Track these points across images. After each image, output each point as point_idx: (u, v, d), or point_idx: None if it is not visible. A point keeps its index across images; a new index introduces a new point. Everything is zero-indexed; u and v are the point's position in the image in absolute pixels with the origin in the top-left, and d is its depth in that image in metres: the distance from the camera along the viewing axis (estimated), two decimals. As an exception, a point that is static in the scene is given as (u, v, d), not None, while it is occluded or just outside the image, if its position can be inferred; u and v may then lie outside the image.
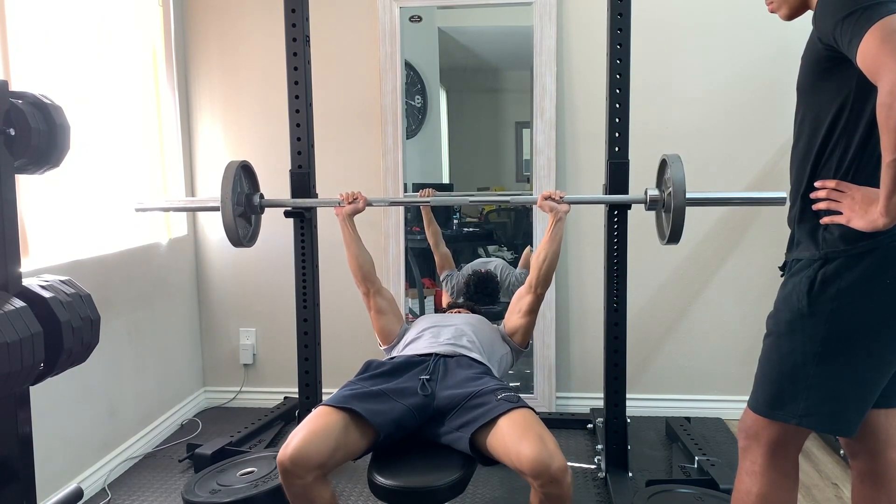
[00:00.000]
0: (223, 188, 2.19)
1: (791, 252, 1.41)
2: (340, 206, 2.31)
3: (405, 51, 3.07)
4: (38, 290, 1.30)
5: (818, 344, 1.30)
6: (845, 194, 1.27)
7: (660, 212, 2.22)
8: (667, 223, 2.12)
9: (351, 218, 2.30)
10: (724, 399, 3.05)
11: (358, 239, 2.29)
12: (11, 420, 1.34)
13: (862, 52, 1.14)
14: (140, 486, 2.49)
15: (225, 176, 2.21)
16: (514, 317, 2.25)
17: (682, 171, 2.04)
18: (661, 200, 2.17)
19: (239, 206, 2.28)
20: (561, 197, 2.19)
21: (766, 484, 1.38)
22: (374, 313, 2.27)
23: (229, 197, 2.19)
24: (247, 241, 2.35)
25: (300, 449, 1.63)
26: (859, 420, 1.33)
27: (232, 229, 2.21)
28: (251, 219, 2.40)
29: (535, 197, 2.25)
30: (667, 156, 2.11)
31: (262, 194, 2.41)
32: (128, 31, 2.74)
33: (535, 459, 1.57)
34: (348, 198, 2.32)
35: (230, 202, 2.19)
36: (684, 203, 2.02)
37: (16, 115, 1.31)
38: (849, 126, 1.29)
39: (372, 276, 2.28)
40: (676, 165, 2.05)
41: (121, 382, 2.65)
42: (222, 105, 3.18)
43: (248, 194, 2.36)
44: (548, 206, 2.18)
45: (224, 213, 2.19)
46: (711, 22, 2.91)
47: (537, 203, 2.22)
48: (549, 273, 2.17)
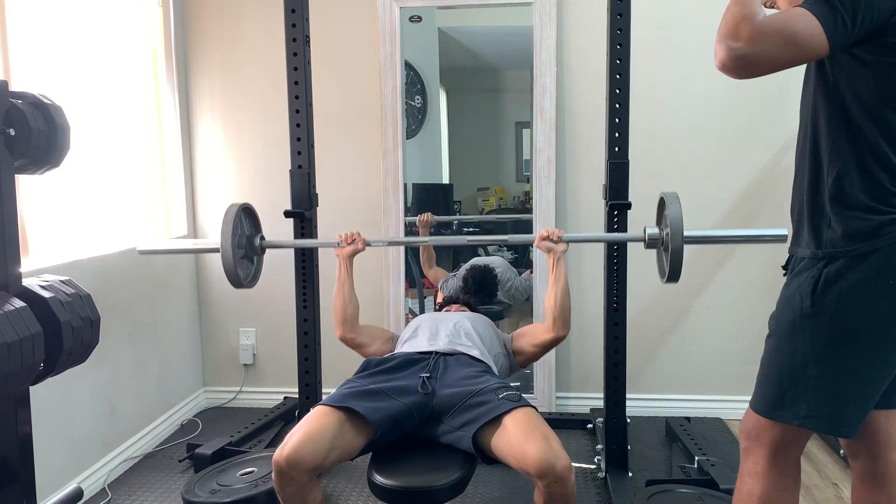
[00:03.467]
0: (223, 233, 2.15)
1: (794, 246, 1.41)
2: (340, 246, 2.27)
3: (405, 51, 3.07)
4: (38, 290, 1.30)
5: (821, 345, 1.30)
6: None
7: (659, 250, 2.18)
8: (666, 261, 2.08)
9: (350, 259, 2.26)
10: (724, 399, 3.05)
11: (352, 282, 2.25)
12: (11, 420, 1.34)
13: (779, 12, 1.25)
14: (140, 486, 2.49)
15: (225, 220, 2.17)
16: (525, 340, 2.20)
17: (680, 210, 2.00)
18: (659, 239, 2.13)
19: (240, 248, 2.25)
20: (559, 237, 2.15)
21: (768, 485, 1.37)
22: (357, 349, 2.23)
23: (229, 242, 2.15)
24: (248, 283, 2.31)
25: (296, 451, 1.63)
26: (860, 421, 1.33)
27: (232, 273, 2.18)
28: (253, 259, 2.37)
29: (533, 236, 2.22)
30: (665, 194, 2.07)
31: (262, 236, 2.38)
32: (128, 31, 2.74)
33: (540, 459, 1.57)
34: (347, 238, 2.27)
35: (230, 247, 2.15)
36: (682, 244, 1.98)
37: (16, 115, 1.31)
38: (847, 119, 1.29)
39: (354, 323, 2.22)
40: (674, 205, 2.00)
41: (121, 382, 2.65)
42: (222, 105, 3.18)
43: (250, 236, 2.33)
44: (545, 246, 2.15)
45: (224, 258, 2.15)
46: (711, 21, 2.90)
47: (535, 243, 2.18)
48: (564, 314, 2.11)
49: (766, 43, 1.19)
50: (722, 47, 1.22)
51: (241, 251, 2.25)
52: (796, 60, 1.24)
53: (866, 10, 1.18)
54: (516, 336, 2.26)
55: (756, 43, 1.19)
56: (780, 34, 1.19)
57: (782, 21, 1.20)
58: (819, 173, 1.34)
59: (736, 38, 1.19)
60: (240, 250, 2.25)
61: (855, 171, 1.28)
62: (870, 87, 1.25)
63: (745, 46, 1.19)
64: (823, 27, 1.18)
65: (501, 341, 2.23)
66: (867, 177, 1.27)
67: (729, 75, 1.25)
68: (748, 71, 1.23)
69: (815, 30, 1.19)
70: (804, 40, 1.19)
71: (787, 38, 1.19)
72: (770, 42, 1.19)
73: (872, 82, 1.25)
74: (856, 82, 1.26)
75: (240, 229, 2.26)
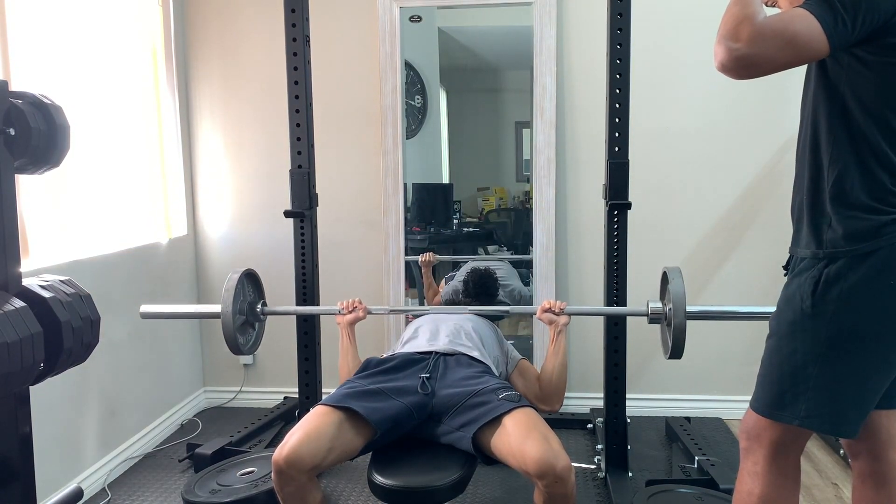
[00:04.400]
0: (224, 297, 2.12)
1: (794, 246, 1.41)
2: (341, 314, 2.24)
3: (405, 51, 3.07)
4: (38, 290, 1.30)
5: (821, 345, 1.30)
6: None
7: (663, 325, 2.14)
8: (669, 337, 2.05)
9: (352, 326, 2.23)
10: (724, 399, 3.05)
11: (355, 349, 2.22)
12: (11, 420, 1.34)
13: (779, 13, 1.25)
14: (140, 486, 2.49)
15: (227, 286, 2.14)
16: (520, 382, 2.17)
17: (682, 286, 1.97)
18: (663, 315, 2.09)
19: (241, 315, 2.21)
20: (561, 309, 2.12)
21: (768, 485, 1.37)
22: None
23: (230, 309, 2.11)
24: (247, 350, 2.27)
25: (295, 450, 1.64)
26: (861, 421, 1.33)
27: (232, 340, 2.15)
28: (254, 325, 2.33)
29: (535, 308, 2.19)
30: (668, 269, 2.04)
31: (265, 302, 2.35)
32: (128, 31, 2.74)
33: (540, 459, 1.57)
34: (348, 306, 2.25)
35: (231, 313, 2.12)
36: (684, 319, 1.95)
37: (16, 115, 1.30)
38: (847, 119, 1.29)
39: None
40: (676, 281, 1.97)
41: (121, 382, 2.65)
42: (222, 105, 3.18)
43: (252, 302, 2.30)
44: (547, 318, 2.12)
45: (224, 326, 2.12)
46: (711, 21, 2.90)
47: (537, 315, 2.16)
48: (559, 388, 2.09)
49: (767, 44, 1.19)
50: (722, 48, 1.22)
51: (241, 318, 2.21)
52: (796, 61, 1.24)
53: (867, 10, 1.18)
54: (519, 370, 2.21)
55: (756, 44, 1.19)
56: (780, 35, 1.19)
57: (782, 22, 1.20)
58: (819, 173, 1.33)
59: (736, 39, 1.19)
60: (241, 316, 2.21)
61: (855, 171, 1.28)
62: (870, 88, 1.25)
63: (746, 47, 1.19)
64: (823, 28, 1.18)
65: (504, 348, 2.22)
66: (868, 177, 1.27)
67: (729, 76, 1.25)
68: (748, 72, 1.23)
69: (816, 30, 1.19)
70: (804, 41, 1.19)
71: (787, 39, 1.19)
72: (770, 43, 1.19)
73: (873, 82, 1.25)
74: (856, 82, 1.26)
75: (241, 295, 2.22)
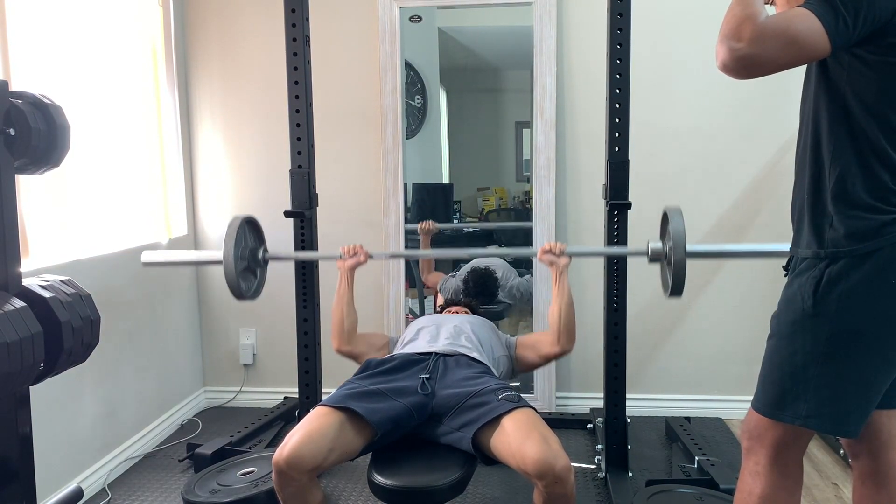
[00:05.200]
0: (226, 246, 2.14)
1: (795, 247, 1.41)
2: (342, 258, 2.26)
3: (405, 51, 3.07)
4: (38, 290, 1.31)
5: (822, 344, 1.29)
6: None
7: (663, 264, 2.17)
8: (669, 275, 2.07)
9: (352, 272, 2.24)
10: (724, 399, 3.05)
11: (352, 296, 2.23)
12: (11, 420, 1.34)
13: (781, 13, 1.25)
14: (140, 486, 2.49)
15: (228, 231, 2.16)
16: (531, 351, 2.18)
17: (682, 224, 1.98)
18: (663, 254, 2.11)
19: (242, 260, 2.23)
20: (561, 250, 2.13)
21: (770, 485, 1.37)
22: (354, 360, 2.21)
23: (232, 255, 2.13)
24: (250, 295, 2.29)
25: (296, 451, 1.64)
26: (863, 421, 1.33)
27: (234, 285, 2.17)
28: (256, 272, 2.34)
29: (535, 250, 2.20)
30: (668, 209, 2.05)
31: (266, 248, 2.36)
32: (128, 31, 2.74)
33: (539, 460, 1.57)
34: (350, 251, 2.26)
35: (233, 258, 2.14)
36: (684, 258, 1.96)
37: (16, 115, 1.31)
38: (848, 118, 1.28)
39: (350, 336, 2.20)
40: (676, 220, 1.99)
41: (121, 382, 2.65)
42: (222, 105, 3.18)
43: (253, 248, 2.31)
44: (547, 259, 2.13)
45: (227, 271, 2.14)
46: (712, 21, 2.90)
47: (537, 256, 2.17)
48: (570, 327, 2.10)
49: (768, 44, 1.19)
50: (724, 48, 1.22)
51: (243, 263, 2.23)
52: (798, 61, 1.24)
53: (868, 10, 1.18)
54: (521, 344, 2.23)
55: (758, 44, 1.19)
56: (781, 35, 1.19)
57: (784, 21, 1.20)
58: (820, 173, 1.33)
59: (738, 39, 1.19)
60: (242, 262, 2.23)
61: (857, 170, 1.28)
62: (871, 87, 1.25)
63: (747, 47, 1.19)
64: (825, 27, 1.18)
65: (504, 344, 2.22)
66: (869, 176, 1.27)
67: (730, 76, 1.25)
68: (750, 72, 1.23)
69: (817, 30, 1.19)
70: (806, 41, 1.19)
71: (788, 39, 1.19)
72: (772, 43, 1.19)
73: (874, 81, 1.25)
74: (857, 82, 1.26)
75: (243, 242, 2.24)
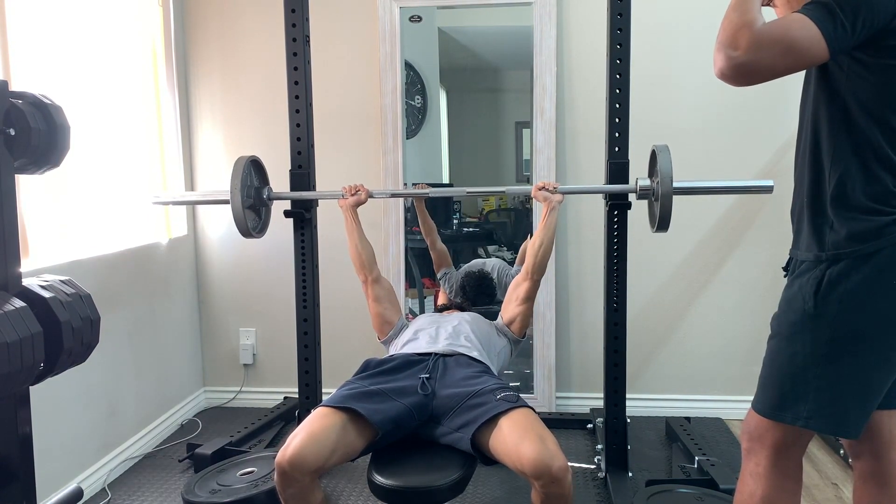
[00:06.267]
0: (232, 180, 2.25)
1: (795, 249, 1.41)
2: (344, 198, 2.36)
3: (405, 51, 3.07)
4: (38, 290, 1.31)
5: (823, 345, 1.29)
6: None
7: (651, 201, 2.28)
8: (656, 210, 2.18)
9: (354, 209, 2.35)
10: (724, 399, 3.05)
11: (360, 229, 2.34)
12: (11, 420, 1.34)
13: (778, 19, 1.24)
14: (140, 486, 2.49)
15: (234, 170, 2.27)
16: (511, 306, 2.27)
17: (670, 160, 2.11)
18: (650, 190, 2.22)
19: (248, 198, 2.34)
20: (554, 188, 2.25)
21: (770, 486, 1.37)
22: (371, 301, 2.30)
23: (238, 188, 2.24)
24: (256, 232, 2.41)
25: (299, 452, 1.64)
26: (863, 422, 1.33)
27: (241, 220, 2.28)
28: (261, 211, 2.46)
29: (530, 188, 2.32)
30: (656, 146, 2.17)
31: (270, 188, 2.46)
32: (128, 31, 2.74)
33: (535, 460, 1.57)
34: (351, 190, 2.37)
35: (239, 193, 2.25)
36: (671, 192, 2.08)
37: (16, 115, 1.31)
38: (848, 120, 1.28)
39: (371, 264, 2.32)
40: (664, 156, 2.11)
41: (121, 382, 2.65)
42: (222, 105, 3.18)
43: (258, 187, 2.41)
44: (542, 195, 2.25)
45: (233, 204, 2.25)
46: (711, 21, 2.90)
47: (532, 193, 2.29)
48: (544, 260, 2.22)
49: (766, 51, 1.18)
50: (721, 56, 1.21)
51: (249, 200, 2.35)
52: (796, 67, 1.23)
53: (866, 13, 1.18)
54: (503, 308, 2.31)
55: (755, 51, 1.18)
56: (779, 42, 1.18)
57: (781, 28, 1.19)
58: (820, 175, 1.33)
59: (735, 47, 1.19)
60: (248, 199, 2.34)
61: (857, 172, 1.28)
62: (871, 89, 1.25)
63: (745, 55, 1.18)
64: (823, 33, 1.18)
65: (498, 331, 2.25)
66: (869, 178, 1.27)
67: (728, 83, 1.24)
68: (748, 79, 1.22)
69: (815, 36, 1.18)
70: (804, 47, 1.19)
71: (786, 46, 1.19)
72: (769, 50, 1.19)
73: (873, 84, 1.25)
74: (857, 84, 1.26)
75: (249, 180, 2.35)
